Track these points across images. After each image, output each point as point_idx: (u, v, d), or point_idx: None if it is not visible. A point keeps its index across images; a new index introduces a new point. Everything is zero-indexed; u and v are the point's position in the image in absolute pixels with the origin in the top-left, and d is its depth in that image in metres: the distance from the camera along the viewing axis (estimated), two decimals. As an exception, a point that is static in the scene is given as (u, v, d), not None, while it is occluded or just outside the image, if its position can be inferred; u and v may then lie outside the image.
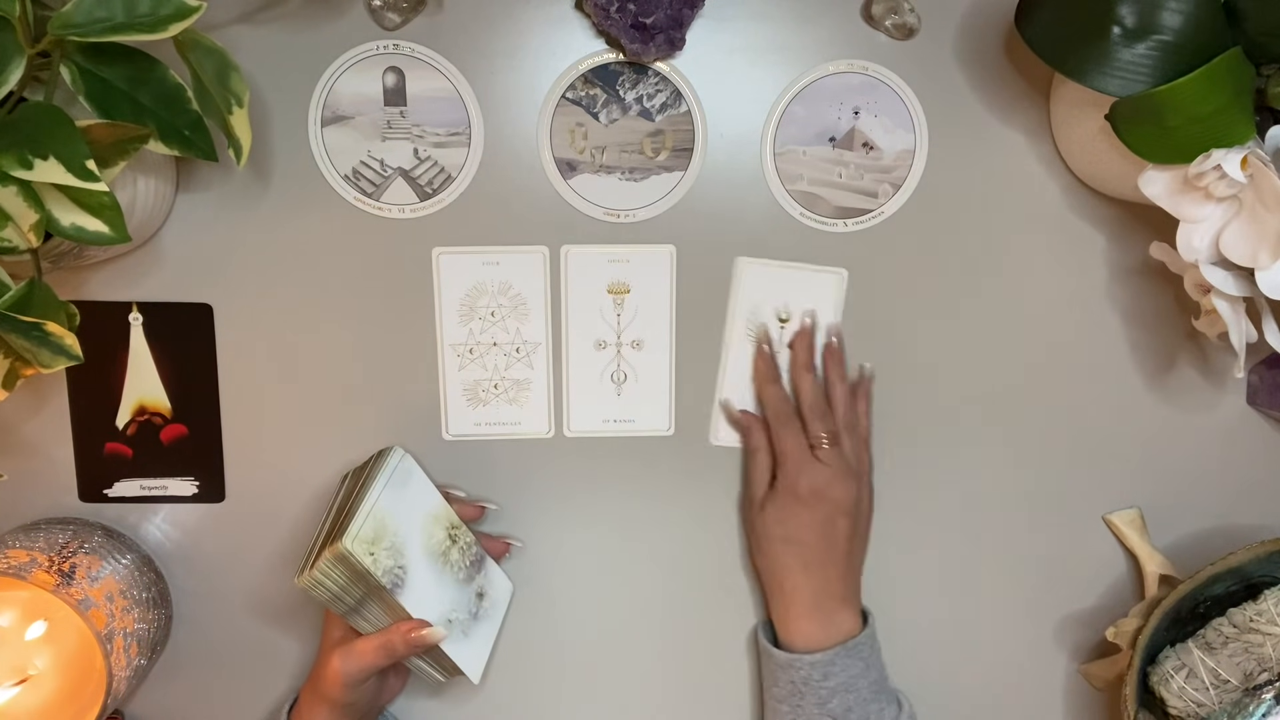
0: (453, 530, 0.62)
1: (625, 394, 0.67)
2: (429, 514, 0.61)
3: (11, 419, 0.65)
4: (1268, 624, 0.60)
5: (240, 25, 0.61)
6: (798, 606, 0.63)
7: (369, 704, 0.62)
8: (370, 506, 0.57)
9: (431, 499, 0.62)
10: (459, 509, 0.63)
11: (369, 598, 0.58)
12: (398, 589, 0.57)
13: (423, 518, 0.60)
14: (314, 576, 0.56)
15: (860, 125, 0.64)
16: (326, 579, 0.56)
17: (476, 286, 0.65)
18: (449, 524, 0.62)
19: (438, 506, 0.62)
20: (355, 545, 0.55)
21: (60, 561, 0.59)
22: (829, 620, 0.63)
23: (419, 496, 0.61)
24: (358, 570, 0.55)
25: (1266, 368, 0.66)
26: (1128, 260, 0.66)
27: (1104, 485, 0.69)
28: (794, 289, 0.66)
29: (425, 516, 0.61)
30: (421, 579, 0.59)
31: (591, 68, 0.63)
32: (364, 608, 0.58)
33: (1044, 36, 0.54)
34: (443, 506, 0.62)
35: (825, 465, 0.62)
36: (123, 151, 0.49)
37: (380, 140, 0.63)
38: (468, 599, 0.62)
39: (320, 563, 0.55)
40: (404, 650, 0.57)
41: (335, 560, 0.55)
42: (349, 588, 0.57)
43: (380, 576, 0.56)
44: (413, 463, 0.61)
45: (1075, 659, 0.71)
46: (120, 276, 0.63)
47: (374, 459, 0.62)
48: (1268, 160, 0.50)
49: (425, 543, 0.60)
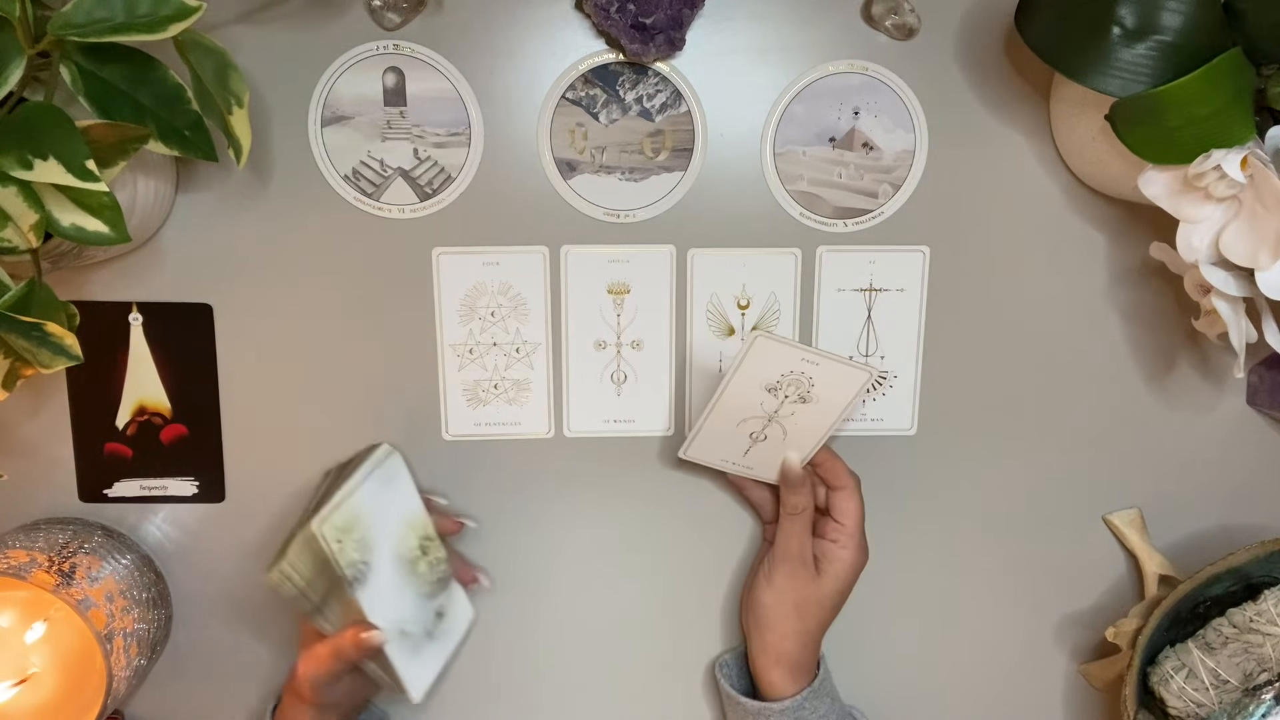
0: (426, 542, 0.61)
1: (625, 394, 0.67)
2: (406, 519, 0.60)
3: (11, 419, 0.65)
4: (1268, 624, 0.60)
5: (240, 25, 0.61)
6: (786, 661, 0.63)
7: (348, 702, 0.61)
8: (348, 494, 0.56)
9: (412, 504, 0.61)
10: (438, 520, 0.62)
11: (331, 595, 0.57)
12: (358, 584, 0.56)
13: (399, 521, 0.59)
14: (282, 569, 0.55)
15: (860, 125, 0.64)
16: (294, 570, 0.55)
17: (476, 286, 0.65)
18: (424, 534, 0.61)
19: (417, 514, 0.61)
20: (326, 528, 0.54)
21: (60, 561, 0.59)
22: (802, 669, 0.63)
23: (400, 498, 0.60)
24: (323, 557, 0.54)
25: (1266, 368, 0.66)
26: (1128, 260, 0.66)
27: (1104, 485, 0.69)
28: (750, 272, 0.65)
29: (402, 520, 0.60)
30: (384, 582, 0.57)
31: (591, 68, 0.63)
32: (327, 607, 0.57)
33: (1044, 36, 0.54)
34: (421, 515, 0.61)
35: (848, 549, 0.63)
36: (123, 151, 0.49)
37: (380, 140, 0.63)
38: (426, 615, 0.61)
39: (290, 550, 0.54)
40: (352, 653, 0.56)
41: (304, 545, 0.54)
42: (314, 581, 0.56)
43: (344, 567, 0.55)
44: (401, 463, 0.60)
45: (1075, 659, 0.71)
46: (120, 276, 0.63)
47: (361, 453, 0.61)
48: (1268, 160, 0.49)
49: (396, 547, 0.59)
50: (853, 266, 0.66)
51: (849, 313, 0.66)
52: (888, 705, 0.71)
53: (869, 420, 0.68)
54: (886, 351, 0.67)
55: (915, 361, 0.67)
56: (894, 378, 0.68)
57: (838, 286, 0.66)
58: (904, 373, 0.67)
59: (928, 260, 0.66)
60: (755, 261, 0.65)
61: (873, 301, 0.66)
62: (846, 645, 0.70)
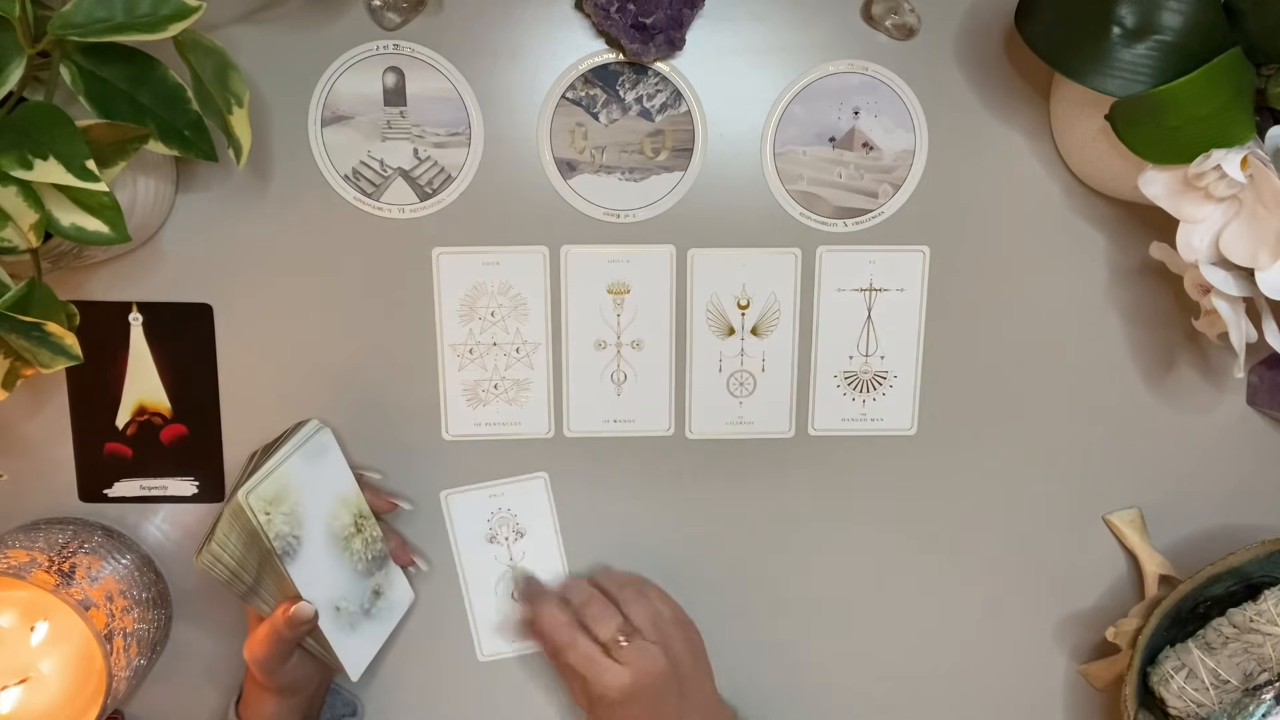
0: (360, 520, 0.61)
1: (625, 394, 0.67)
2: (338, 495, 0.60)
3: (11, 419, 0.65)
4: (1268, 624, 0.60)
5: (240, 25, 0.61)
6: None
7: (307, 684, 0.61)
8: (274, 466, 0.56)
9: (344, 481, 0.60)
10: (370, 497, 0.62)
11: (264, 573, 0.56)
12: (288, 557, 0.55)
13: (331, 497, 0.59)
14: (211, 550, 0.54)
15: (860, 125, 0.64)
16: (222, 549, 0.54)
17: (476, 286, 0.65)
18: (358, 512, 0.61)
19: (350, 491, 0.61)
20: (252, 499, 0.53)
21: (60, 561, 0.59)
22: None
23: (331, 474, 0.59)
24: (251, 530, 0.54)
25: (1266, 368, 0.66)
26: (1128, 260, 0.66)
27: (1104, 485, 0.69)
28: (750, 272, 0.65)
29: (334, 497, 0.59)
30: (315, 556, 0.57)
31: (591, 68, 0.63)
32: (261, 586, 0.57)
33: (1044, 36, 0.54)
34: (355, 493, 0.61)
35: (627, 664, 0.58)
36: (123, 151, 0.49)
37: (380, 140, 0.63)
38: (362, 592, 0.60)
39: (218, 529, 0.54)
40: (287, 632, 0.56)
41: (232, 519, 0.53)
42: (245, 559, 0.55)
43: (272, 540, 0.54)
44: (331, 439, 0.60)
45: (1075, 659, 0.71)
46: (120, 276, 0.63)
47: (289, 430, 0.61)
48: (1268, 160, 0.49)
49: (329, 523, 0.58)
50: (853, 266, 0.66)
51: (849, 313, 0.66)
52: (888, 705, 0.71)
53: (869, 420, 0.68)
54: (886, 351, 0.67)
55: (915, 361, 0.67)
56: (894, 378, 0.68)
57: (838, 286, 0.66)
58: (904, 373, 0.67)
59: (928, 260, 0.66)
60: (755, 261, 0.65)
61: (873, 301, 0.66)
62: (846, 645, 0.70)
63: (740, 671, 0.70)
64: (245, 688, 0.61)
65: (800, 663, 0.71)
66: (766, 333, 0.67)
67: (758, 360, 0.67)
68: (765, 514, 0.69)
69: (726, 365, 0.67)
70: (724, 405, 0.67)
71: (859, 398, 0.68)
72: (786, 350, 0.67)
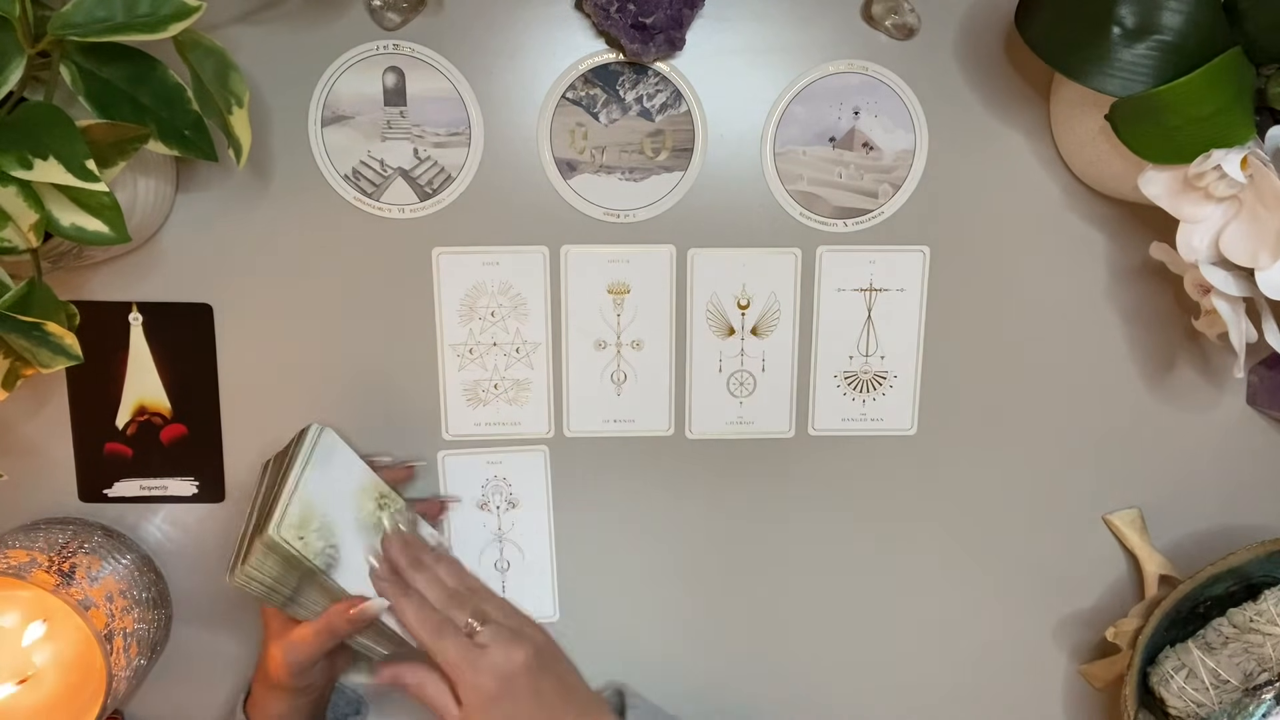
0: (382, 499, 0.61)
1: (625, 394, 0.67)
2: (356, 488, 0.60)
3: (11, 419, 0.65)
4: (1268, 624, 0.60)
5: (240, 25, 0.61)
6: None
7: (323, 682, 0.61)
8: (294, 489, 0.56)
9: (357, 471, 0.60)
10: (388, 475, 0.62)
11: (305, 584, 0.56)
12: (332, 569, 0.56)
13: (350, 493, 0.59)
14: (246, 572, 0.54)
15: (860, 125, 0.64)
16: (259, 571, 0.54)
17: (476, 286, 0.65)
18: (378, 494, 0.61)
19: (364, 478, 0.61)
20: (284, 532, 0.54)
21: (60, 561, 0.59)
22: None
23: (344, 471, 0.60)
24: (289, 557, 0.54)
25: (1266, 368, 0.66)
26: (1128, 260, 0.66)
27: (1104, 485, 0.69)
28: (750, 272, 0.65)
29: (353, 491, 0.59)
30: (356, 555, 0.57)
31: (591, 68, 0.63)
32: (301, 595, 0.57)
33: (1044, 36, 0.54)
34: (370, 478, 0.61)
35: (490, 646, 0.56)
36: (123, 151, 0.49)
37: (380, 140, 0.63)
38: None
39: (252, 556, 0.54)
40: (346, 629, 0.56)
41: (266, 550, 0.54)
42: (283, 578, 0.55)
43: (313, 559, 0.55)
44: (334, 437, 0.60)
45: (1075, 659, 0.71)
46: (120, 276, 0.63)
47: (294, 440, 0.61)
48: (1268, 160, 0.50)
49: (356, 517, 0.58)
50: (853, 266, 0.66)
51: (849, 313, 0.66)
52: (888, 705, 0.71)
53: (869, 420, 0.68)
54: (886, 351, 0.67)
55: (915, 361, 0.67)
56: (894, 378, 0.68)
57: (838, 286, 0.66)
58: (904, 373, 0.67)
59: (928, 260, 0.66)
60: (755, 261, 0.65)
61: (873, 301, 0.66)
62: (846, 644, 0.70)
63: (739, 669, 0.70)
64: (254, 687, 0.61)
65: (800, 661, 0.71)
66: (766, 333, 0.67)
67: (758, 360, 0.67)
68: (765, 514, 0.69)
69: (726, 365, 0.67)
70: (724, 405, 0.67)
71: (859, 398, 0.68)
72: (786, 350, 0.67)
